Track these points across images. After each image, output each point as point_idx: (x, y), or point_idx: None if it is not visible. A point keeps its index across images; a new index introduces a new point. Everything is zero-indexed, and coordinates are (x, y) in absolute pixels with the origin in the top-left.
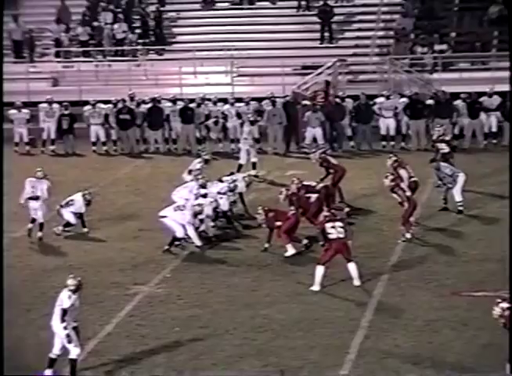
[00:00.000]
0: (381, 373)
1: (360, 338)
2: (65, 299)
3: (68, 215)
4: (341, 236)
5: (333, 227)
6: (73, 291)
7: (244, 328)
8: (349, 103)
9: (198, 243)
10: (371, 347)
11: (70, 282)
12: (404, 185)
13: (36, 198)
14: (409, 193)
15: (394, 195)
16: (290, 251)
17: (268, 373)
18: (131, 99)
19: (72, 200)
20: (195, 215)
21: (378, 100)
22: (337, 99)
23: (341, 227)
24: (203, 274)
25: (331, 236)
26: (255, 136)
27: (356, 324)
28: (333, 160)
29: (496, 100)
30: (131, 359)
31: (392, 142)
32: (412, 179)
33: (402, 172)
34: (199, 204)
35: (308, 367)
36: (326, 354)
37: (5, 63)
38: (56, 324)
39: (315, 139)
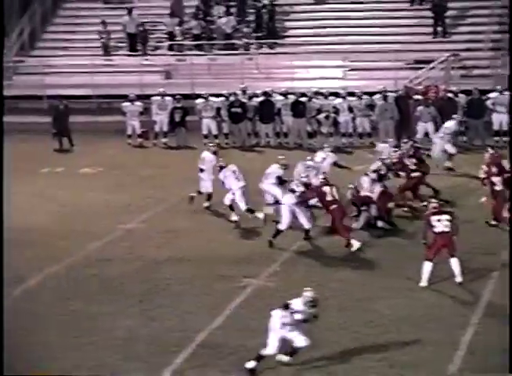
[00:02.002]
0: (492, 370)
1: (470, 334)
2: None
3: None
4: (447, 229)
5: (438, 220)
6: (311, 306)
7: (356, 323)
8: (462, 98)
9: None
10: (481, 344)
11: (308, 295)
12: (496, 179)
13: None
14: (498, 188)
15: (485, 187)
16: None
17: (380, 368)
18: (244, 92)
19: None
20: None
21: (491, 95)
22: (450, 94)
23: (448, 221)
24: (312, 268)
25: (436, 230)
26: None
27: (465, 321)
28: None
29: None
30: (241, 352)
31: (505, 138)
32: (506, 175)
33: (496, 167)
34: None
35: (420, 363)
36: (436, 350)
37: (120, 55)
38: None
39: (426, 134)
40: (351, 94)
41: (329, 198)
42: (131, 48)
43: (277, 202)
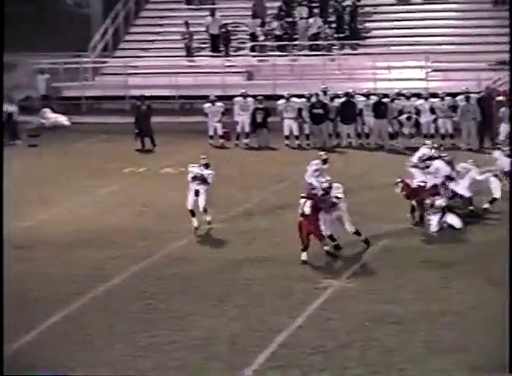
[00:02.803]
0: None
1: None
2: None
3: None
4: None
5: None
6: None
7: (435, 325)
8: None
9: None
10: None
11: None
12: None
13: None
14: None
15: None
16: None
17: (456, 371)
18: (324, 93)
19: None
20: None
21: None
22: None
23: None
24: (393, 269)
25: None
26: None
27: None
28: None
29: None
30: (321, 352)
31: None
32: None
33: None
34: None
35: (496, 366)
36: None
37: (202, 56)
38: None
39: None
40: (434, 95)
41: (299, 211)
42: (214, 49)
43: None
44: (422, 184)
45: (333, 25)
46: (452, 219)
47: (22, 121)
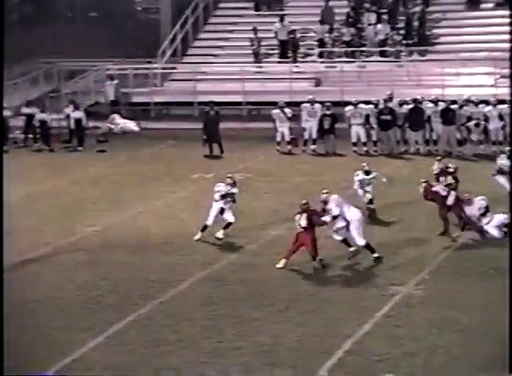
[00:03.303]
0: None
1: None
2: None
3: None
4: None
5: None
6: None
7: (502, 334)
8: None
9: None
10: None
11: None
12: None
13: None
14: None
15: None
16: None
17: None
18: (390, 99)
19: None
20: None
21: None
22: None
23: None
24: (461, 277)
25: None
26: None
27: None
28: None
29: None
30: (388, 359)
31: None
32: None
33: None
34: None
35: None
36: None
37: (270, 62)
38: None
39: None
40: (502, 101)
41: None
42: (282, 55)
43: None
44: (442, 192)
45: (402, 31)
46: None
47: (91, 126)
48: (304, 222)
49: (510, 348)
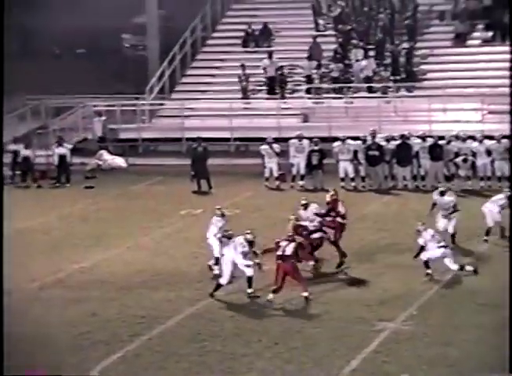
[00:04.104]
0: None
1: None
2: None
3: None
4: None
5: None
6: None
7: (490, 369)
8: None
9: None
10: None
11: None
12: None
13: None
14: None
15: None
16: None
17: None
18: (373, 135)
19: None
20: None
21: None
22: None
23: None
24: (449, 312)
25: None
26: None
27: None
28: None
29: None
30: None
31: None
32: None
33: None
34: None
35: None
36: None
37: (258, 98)
38: None
39: None
40: (490, 137)
41: (279, 253)
42: (270, 92)
43: None
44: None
45: (389, 67)
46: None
47: (75, 163)
48: (290, 250)
49: (510, 348)
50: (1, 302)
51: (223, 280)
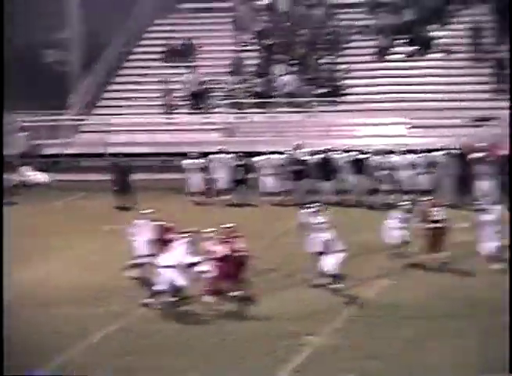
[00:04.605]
0: None
1: None
2: None
3: None
4: None
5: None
6: None
7: None
8: None
9: None
10: None
11: None
12: None
13: None
14: None
15: None
16: None
17: None
18: (296, 149)
19: None
20: None
21: None
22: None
23: None
24: (373, 325)
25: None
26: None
27: None
28: None
29: None
30: None
31: None
32: None
33: None
34: None
35: None
36: None
37: (181, 113)
38: None
39: (487, 192)
40: (413, 151)
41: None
42: (193, 106)
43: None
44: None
45: (312, 82)
46: None
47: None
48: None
49: (510, 348)
50: (1, 303)
51: (160, 287)
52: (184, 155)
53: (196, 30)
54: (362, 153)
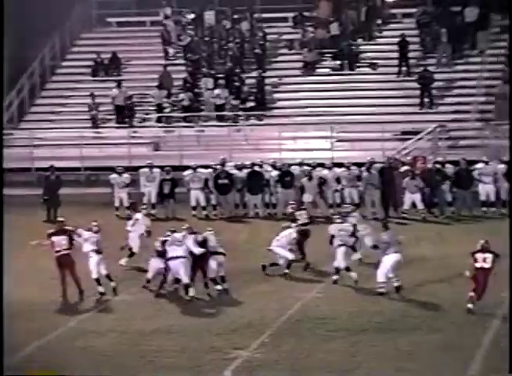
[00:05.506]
0: None
1: None
2: None
3: None
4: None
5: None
6: None
7: None
8: (449, 169)
9: None
10: None
11: None
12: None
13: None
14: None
15: None
16: None
17: None
18: (223, 164)
19: None
20: None
21: (478, 166)
22: (437, 165)
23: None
24: (300, 339)
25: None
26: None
27: None
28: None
29: None
30: None
31: (493, 209)
32: None
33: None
34: None
35: None
36: None
37: (108, 127)
38: None
39: (414, 205)
40: (339, 165)
41: None
42: (120, 121)
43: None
44: None
45: (239, 96)
46: None
47: None
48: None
49: (510, 348)
50: (2, 305)
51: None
52: (111, 169)
53: (124, 44)
54: (290, 166)
